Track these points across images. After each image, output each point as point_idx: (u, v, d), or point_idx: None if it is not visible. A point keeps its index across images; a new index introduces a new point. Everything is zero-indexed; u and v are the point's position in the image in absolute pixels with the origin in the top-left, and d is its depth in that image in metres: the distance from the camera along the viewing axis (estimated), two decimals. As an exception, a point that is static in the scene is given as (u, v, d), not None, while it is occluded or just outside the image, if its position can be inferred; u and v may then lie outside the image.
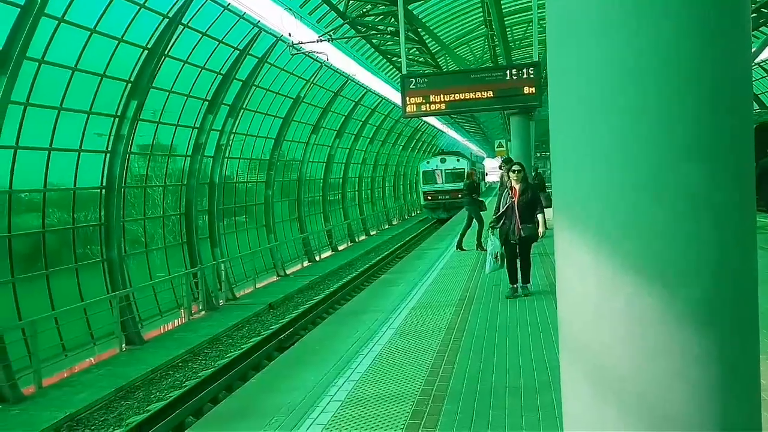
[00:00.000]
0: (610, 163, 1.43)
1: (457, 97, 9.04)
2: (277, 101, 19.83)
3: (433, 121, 38.42)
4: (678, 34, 1.36)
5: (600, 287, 1.47)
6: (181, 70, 14.25)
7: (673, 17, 1.36)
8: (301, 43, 15.60)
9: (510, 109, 13.16)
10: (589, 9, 1.44)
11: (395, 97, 24.58)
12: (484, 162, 68.68)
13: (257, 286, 19.09)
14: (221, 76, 15.93)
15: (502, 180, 11.05)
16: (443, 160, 34.86)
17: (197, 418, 8.44)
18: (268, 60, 17.32)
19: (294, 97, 20.67)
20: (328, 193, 28.06)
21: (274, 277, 20.86)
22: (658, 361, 1.44)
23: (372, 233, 33.38)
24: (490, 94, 9.03)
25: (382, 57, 20.95)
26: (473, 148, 68.88)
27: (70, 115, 11.65)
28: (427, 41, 17.86)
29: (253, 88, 17.60)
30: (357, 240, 30.71)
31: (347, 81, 23.37)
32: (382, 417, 4.36)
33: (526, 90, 9.44)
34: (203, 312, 15.93)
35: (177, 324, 15.10)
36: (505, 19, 16.40)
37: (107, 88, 12.33)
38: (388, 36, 16.97)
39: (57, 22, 10.24)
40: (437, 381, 5.06)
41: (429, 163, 35.72)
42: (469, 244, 13.30)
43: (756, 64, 22.96)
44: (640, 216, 1.42)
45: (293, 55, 16.79)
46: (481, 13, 20.30)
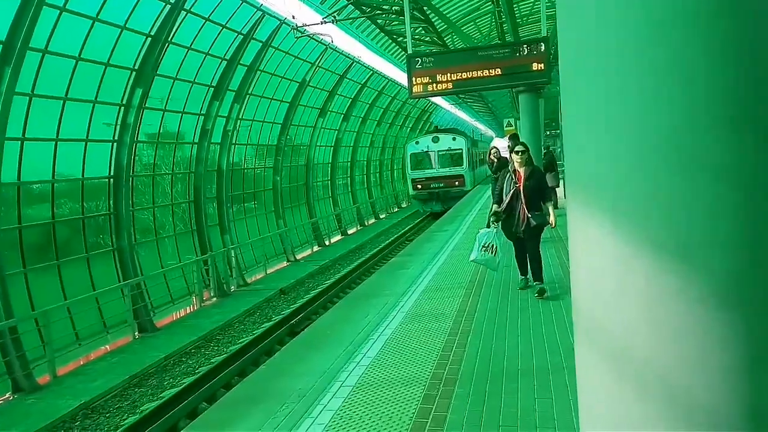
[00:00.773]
0: (628, 132, 1.32)
1: (464, 75, 8.87)
2: (283, 85, 19.68)
3: (440, 101, 37.97)
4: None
5: (618, 266, 1.38)
6: (185, 56, 14.13)
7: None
8: (305, 25, 15.39)
9: (518, 86, 12.93)
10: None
11: (402, 78, 24.22)
12: (493, 143, 68.07)
13: (268, 272, 19.13)
14: (226, 62, 15.79)
15: (497, 161, 10.50)
16: (436, 140, 28.14)
17: (210, 403, 8.48)
18: (273, 44, 17.14)
19: (300, 80, 20.50)
20: (336, 177, 27.98)
21: (285, 263, 20.88)
22: (680, 343, 1.35)
23: (381, 216, 33.25)
24: (498, 71, 8.84)
25: (387, 38, 20.69)
26: (481, 127, 68.31)
27: (76, 105, 11.60)
28: (433, 20, 17.59)
29: (258, 72, 17.46)
30: (366, 224, 30.64)
31: (353, 63, 23.13)
32: (393, 401, 4.32)
33: (535, 66, 9.24)
34: (215, 298, 16.00)
35: (189, 311, 15.18)
36: (511, -6, 16.10)
37: (112, 77, 12.25)
38: (394, 16, 16.72)
39: (59, 11, 10.14)
40: (448, 364, 5.01)
41: (418, 143, 28.74)
42: None
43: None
44: (660, 188, 1.32)
45: (297, 38, 16.58)
46: (488, -10, 19.96)
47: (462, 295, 7.46)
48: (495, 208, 7.03)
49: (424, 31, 18.52)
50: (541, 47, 9.41)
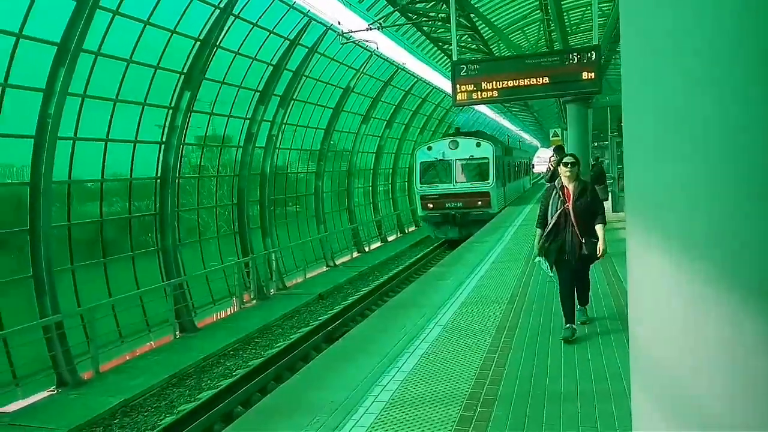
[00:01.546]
0: (704, 154, 1.14)
1: (510, 83, 8.63)
2: (327, 91, 19.80)
3: (485, 110, 37.50)
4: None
5: (686, 304, 1.20)
6: (232, 61, 14.35)
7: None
8: (351, 32, 15.43)
9: (567, 95, 12.56)
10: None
11: (446, 86, 23.94)
12: (537, 153, 66.78)
13: (307, 276, 19.20)
14: (272, 67, 15.97)
15: (552, 175, 9.01)
16: (454, 145, 21.67)
17: (246, 407, 8.48)
18: (318, 50, 17.26)
19: (344, 87, 20.58)
20: (378, 184, 27.94)
21: (324, 268, 20.94)
22: (760, 398, 1.15)
23: (421, 224, 33.03)
24: (546, 80, 8.55)
25: (433, 45, 20.57)
26: (526, 137, 67.31)
27: (126, 106, 11.91)
28: (479, 27, 17.36)
29: (304, 78, 17.60)
30: (406, 231, 30.48)
31: (397, 70, 23.09)
32: (427, 421, 4.15)
33: (585, 75, 8.91)
34: (254, 301, 16.14)
35: (229, 312, 15.35)
36: (562, 2, 15.71)
37: (161, 80, 12.53)
38: (440, 23, 16.59)
39: (112, 14, 10.43)
40: (487, 383, 4.80)
41: (431, 149, 22.13)
42: None
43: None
44: (739, 219, 1.13)
45: (343, 44, 16.65)
46: (537, -3, 19.60)
47: (503, 310, 7.22)
48: (538, 233, 5.93)
49: (470, 39, 18.31)
50: (592, 56, 9.07)
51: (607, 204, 12.16)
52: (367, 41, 16.66)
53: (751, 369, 1.16)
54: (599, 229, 5.67)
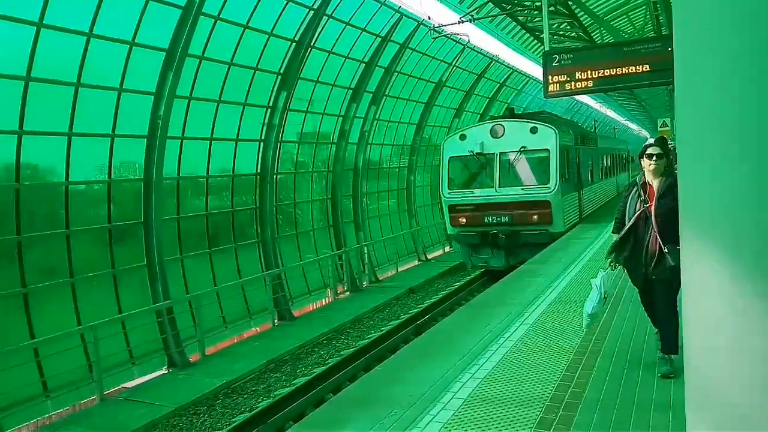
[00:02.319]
0: (758, 158, 1.06)
1: (606, 73, 8.17)
2: (419, 86, 19.83)
3: (587, 99, 35.77)
4: None
5: (738, 318, 1.11)
6: (326, 60, 14.78)
7: None
8: (442, 25, 15.31)
9: (670, 83, 11.67)
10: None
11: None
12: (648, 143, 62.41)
13: (399, 270, 19.43)
14: (364, 65, 16.26)
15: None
16: (497, 132, 14.99)
17: (336, 394, 8.78)
18: (410, 45, 17.33)
19: (435, 81, 20.51)
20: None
21: (416, 262, 21.09)
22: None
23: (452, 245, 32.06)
24: (647, 67, 7.98)
25: (528, 35, 19.92)
26: (633, 127, 63.45)
27: (227, 106, 12.64)
28: (578, 14, 16.59)
29: (395, 74, 17.76)
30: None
31: (491, 62, 22.64)
32: (505, 421, 4.09)
33: (692, 61, 8.16)
34: (348, 293, 16.60)
35: (324, 303, 15.91)
36: (669, -18, 14.64)
37: (259, 81, 13.18)
38: (536, 12, 16.04)
39: (213, 20, 11.09)
40: (571, 387, 4.64)
41: (464, 138, 15.45)
42: None
43: None
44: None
45: (434, 38, 16.57)
46: (642, -21, 18.41)
47: (594, 310, 6.90)
48: (614, 237, 4.93)
49: (569, 27, 17.55)
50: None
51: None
52: (459, 34, 16.46)
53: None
54: None
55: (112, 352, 9.99)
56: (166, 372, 10.85)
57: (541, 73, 8.73)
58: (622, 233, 4.73)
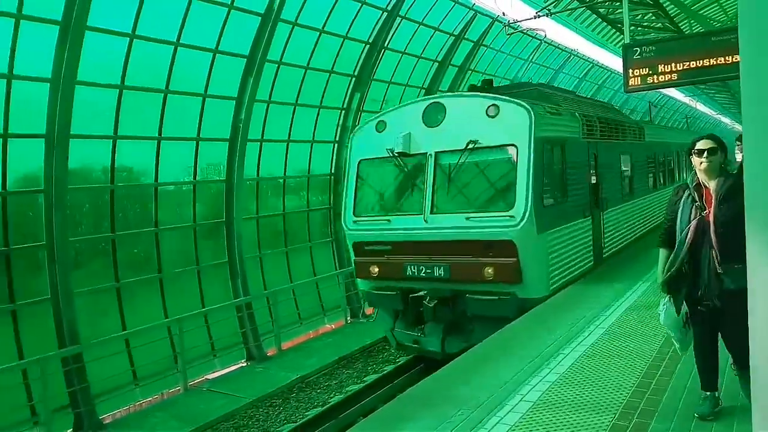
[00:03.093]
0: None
1: (691, 65, 7.69)
2: (494, 84, 19.48)
3: (674, 93, 33.77)
4: None
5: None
6: (399, 61, 14.88)
7: None
8: (517, 21, 15.00)
9: None
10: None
11: (625, 69, 22.16)
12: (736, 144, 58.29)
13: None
14: (437, 64, 16.22)
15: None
16: (434, 116, 8.46)
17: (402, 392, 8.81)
18: (484, 42, 17.11)
19: (511, 78, 20.11)
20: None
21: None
22: None
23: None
24: (737, 58, 7.41)
25: (609, 27, 19.12)
26: (726, 120, 59.32)
27: (303, 108, 13.02)
28: (664, 4, 15.75)
29: (469, 72, 17.60)
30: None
31: (569, 56, 21.93)
32: (574, 426, 3.98)
33: (791, 49, 7.53)
34: (420, 292, 16.59)
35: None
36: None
37: (334, 83, 13.48)
38: (617, 2, 15.37)
39: (291, 26, 11.46)
40: (647, 393, 4.44)
41: (384, 127, 8.88)
42: None
43: None
44: None
45: (509, 35, 16.25)
46: (737, -38, 17.16)
47: (676, 315, 6.55)
48: (662, 255, 3.90)
49: (654, 17, 16.69)
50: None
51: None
52: (535, 29, 16.06)
53: None
54: None
55: (196, 344, 10.56)
56: (245, 365, 11.34)
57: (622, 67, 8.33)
58: (679, 255, 3.70)
